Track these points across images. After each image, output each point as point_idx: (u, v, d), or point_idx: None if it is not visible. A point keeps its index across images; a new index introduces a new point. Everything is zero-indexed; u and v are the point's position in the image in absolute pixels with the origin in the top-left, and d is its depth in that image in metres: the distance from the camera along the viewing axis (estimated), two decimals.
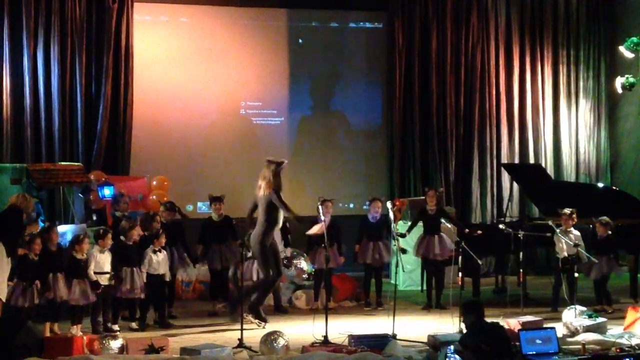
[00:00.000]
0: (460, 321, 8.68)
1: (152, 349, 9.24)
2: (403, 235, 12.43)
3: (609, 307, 12.12)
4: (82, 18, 14.74)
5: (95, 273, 10.68)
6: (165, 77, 15.46)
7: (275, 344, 9.43)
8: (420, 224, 12.94)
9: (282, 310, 12.42)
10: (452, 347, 8.71)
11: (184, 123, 15.53)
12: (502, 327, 9.00)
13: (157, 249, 11.29)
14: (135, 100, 15.03)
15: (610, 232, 12.24)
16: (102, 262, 10.79)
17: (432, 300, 12.74)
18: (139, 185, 14.11)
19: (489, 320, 9.00)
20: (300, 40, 16.27)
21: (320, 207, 11.68)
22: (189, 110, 15.58)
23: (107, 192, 13.23)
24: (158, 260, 11.32)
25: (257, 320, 11.22)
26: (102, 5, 14.83)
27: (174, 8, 15.53)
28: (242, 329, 9.96)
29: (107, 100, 14.78)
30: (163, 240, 11.40)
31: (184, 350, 9.36)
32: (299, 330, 10.89)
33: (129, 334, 10.62)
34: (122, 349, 9.49)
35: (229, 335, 10.54)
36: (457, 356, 8.41)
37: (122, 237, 11.17)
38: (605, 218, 12.27)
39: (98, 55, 14.87)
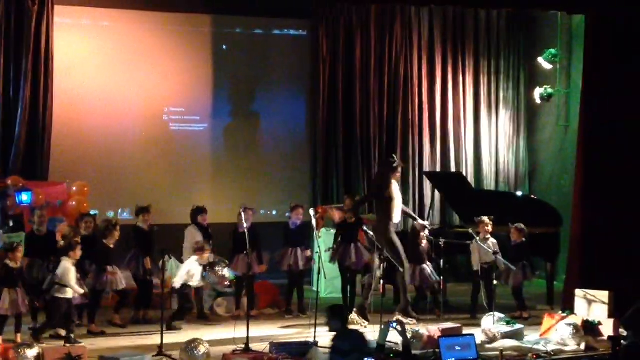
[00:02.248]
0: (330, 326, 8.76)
1: (69, 358, 9.10)
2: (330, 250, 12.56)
3: (526, 313, 12.33)
4: (0, 20, 14.44)
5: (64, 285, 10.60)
6: (87, 81, 15.22)
7: (195, 352, 9.36)
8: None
9: (204, 317, 12.34)
10: (394, 323, 8.83)
11: (105, 128, 15.31)
12: (362, 333, 9.07)
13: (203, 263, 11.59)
14: (55, 105, 14.76)
15: (524, 239, 12.46)
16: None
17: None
18: (58, 190, 13.84)
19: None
20: (224, 47, 16.20)
21: (242, 214, 11.64)
22: (111, 115, 15.36)
23: (25, 197, 12.97)
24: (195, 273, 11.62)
25: (408, 319, 11.52)
26: (22, 7, 14.52)
27: (95, 12, 15.29)
28: (162, 337, 9.85)
29: (25, 104, 14.47)
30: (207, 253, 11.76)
31: (102, 359, 9.23)
32: (220, 338, 10.83)
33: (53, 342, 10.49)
34: (39, 358, 9.31)
35: (149, 343, 10.44)
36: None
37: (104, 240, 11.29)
38: (520, 225, 12.49)
39: (17, 58, 14.54)
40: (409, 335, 9.93)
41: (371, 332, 10.25)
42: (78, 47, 15.24)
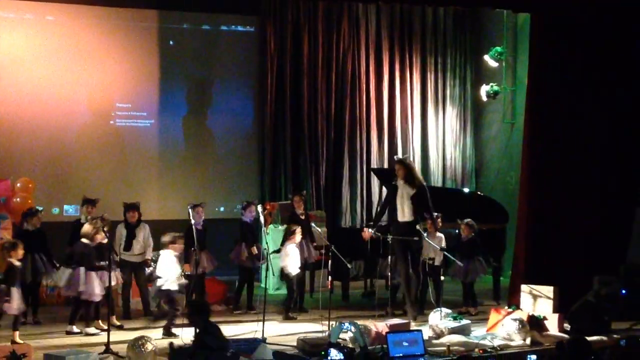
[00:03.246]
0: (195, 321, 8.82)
1: (13, 356, 8.95)
2: (278, 251, 12.49)
3: (473, 309, 12.44)
4: None
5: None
6: (31, 76, 15.00)
7: (142, 349, 9.24)
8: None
9: (151, 314, 12.23)
10: (345, 324, 8.88)
11: (50, 124, 15.10)
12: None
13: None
14: None
15: (473, 234, 12.56)
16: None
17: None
18: (2, 187, 13.62)
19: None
20: (171, 42, 16.07)
21: (190, 211, 11.58)
22: (56, 111, 15.16)
23: None
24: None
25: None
26: None
27: (39, 6, 15.04)
28: (108, 334, 9.75)
29: None
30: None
31: (48, 357, 9.10)
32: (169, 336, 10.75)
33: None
34: None
35: (96, 341, 10.33)
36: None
37: (84, 240, 11.00)
38: (470, 220, 12.60)
39: None
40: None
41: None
42: (22, 42, 15.01)
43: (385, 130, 17.08)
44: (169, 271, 10.87)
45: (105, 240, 11.15)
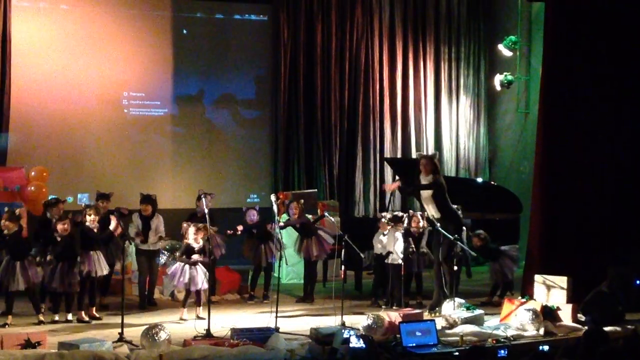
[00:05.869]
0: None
1: (28, 344, 9.01)
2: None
3: (498, 299, 12.44)
4: None
5: None
6: (46, 65, 15.03)
7: (156, 338, 9.27)
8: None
9: (152, 303, 12.26)
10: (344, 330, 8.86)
11: (64, 113, 15.14)
12: None
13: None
14: (14, 89, 14.56)
15: (485, 244, 12.55)
16: None
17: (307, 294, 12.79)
18: (17, 175, 13.67)
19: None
20: (184, 31, 16.08)
21: (203, 199, 11.59)
22: (70, 99, 15.20)
23: None
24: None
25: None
26: None
27: None
28: (122, 322, 9.77)
29: None
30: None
31: (62, 345, 9.13)
32: (181, 324, 10.78)
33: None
34: None
35: (109, 329, 10.36)
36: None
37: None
38: (481, 232, 12.57)
39: None
40: (370, 322, 10.01)
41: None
42: (36, 30, 15.04)
43: (399, 119, 17.05)
44: (399, 247, 11.79)
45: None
